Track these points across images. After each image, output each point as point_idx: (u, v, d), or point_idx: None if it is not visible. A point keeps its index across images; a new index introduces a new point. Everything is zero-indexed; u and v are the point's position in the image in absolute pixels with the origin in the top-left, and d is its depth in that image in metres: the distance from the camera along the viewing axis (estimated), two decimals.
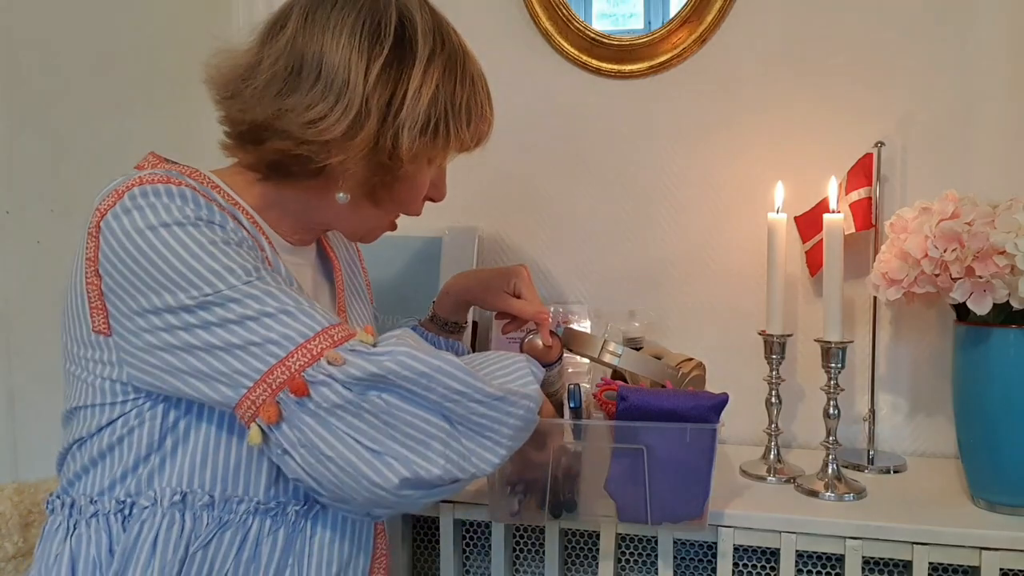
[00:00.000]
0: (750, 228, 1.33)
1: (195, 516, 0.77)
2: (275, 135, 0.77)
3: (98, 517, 0.79)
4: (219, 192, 0.82)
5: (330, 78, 0.75)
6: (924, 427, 1.29)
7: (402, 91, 0.77)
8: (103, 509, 0.79)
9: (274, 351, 0.71)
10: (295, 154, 0.77)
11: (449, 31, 0.82)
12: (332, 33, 0.76)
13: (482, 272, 1.09)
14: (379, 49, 0.76)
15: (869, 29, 1.28)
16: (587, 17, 1.40)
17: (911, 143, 1.27)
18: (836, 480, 1.09)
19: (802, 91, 1.31)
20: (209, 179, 0.82)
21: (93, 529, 0.78)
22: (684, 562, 1.10)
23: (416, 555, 1.19)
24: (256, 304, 0.71)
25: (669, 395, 0.94)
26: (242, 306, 0.71)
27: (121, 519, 0.78)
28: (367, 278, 1.09)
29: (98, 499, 0.79)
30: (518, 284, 1.02)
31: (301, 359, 0.71)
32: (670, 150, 1.37)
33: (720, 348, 1.33)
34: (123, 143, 1.26)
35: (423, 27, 0.79)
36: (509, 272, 1.02)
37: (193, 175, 0.81)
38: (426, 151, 0.80)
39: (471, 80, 0.82)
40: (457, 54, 0.81)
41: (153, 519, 0.77)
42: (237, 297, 0.71)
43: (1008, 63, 1.23)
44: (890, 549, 0.98)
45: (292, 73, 0.76)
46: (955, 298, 0.99)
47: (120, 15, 1.28)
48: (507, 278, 1.02)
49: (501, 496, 1.00)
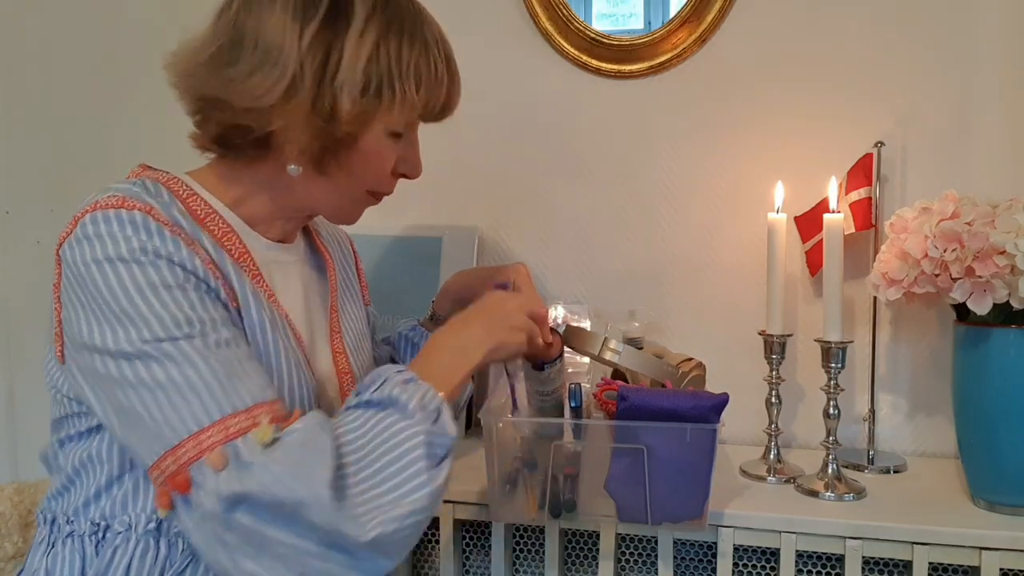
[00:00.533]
0: (750, 228, 1.33)
1: (170, 543, 0.77)
2: (219, 107, 0.77)
3: (73, 538, 0.79)
4: (194, 201, 0.81)
5: (265, 46, 0.76)
6: (924, 427, 1.29)
7: (337, 53, 0.76)
8: (78, 530, 0.79)
9: (168, 438, 0.68)
10: (239, 124, 0.77)
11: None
12: (269, 4, 0.77)
13: (480, 270, 1.09)
14: (313, 12, 0.76)
15: (869, 29, 1.28)
16: (587, 17, 1.40)
17: (911, 143, 1.27)
18: (836, 480, 1.09)
19: (802, 91, 1.31)
20: (187, 187, 0.82)
21: (68, 549, 0.78)
22: (684, 562, 1.10)
23: (416, 555, 1.19)
24: (171, 370, 0.69)
25: (669, 395, 0.94)
26: (161, 367, 0.69)
27: (95, 542, 0.78)
28: (364, 280, 1.08)
29: (74, 519, 0.79)
30: (516, 281, 1.02)
31: (190, 452, 0.68)
32: (670, 150, 1.37)
33: (720, 348, 1.33)
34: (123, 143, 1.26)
35: None
36: (507, 270, 1.02)
37: (171, 183, 0.81)
38: (371, 114, 0.79)
39: (422, 42, 0.81)
40: (404, 15, 0.80)
41: (127, 545, 0.76)
42: (157, 356, 0.69)
43: (1008, 63, 1.23)
44: (890, 549, 0.98)
45: (233, 47, 0.77)
46: (955, 298, 0.99)
47: (120, 15, 1.28)
48: (505, 276, 1.02)
49: (501, 496, 1.00)
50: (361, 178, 0.85)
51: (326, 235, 1.02)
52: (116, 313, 0.70)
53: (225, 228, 0.82)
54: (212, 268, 0.76)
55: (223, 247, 0.81)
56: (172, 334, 0.70)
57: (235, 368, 0.71)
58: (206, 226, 0.80)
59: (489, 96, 1.41)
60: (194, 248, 0.75)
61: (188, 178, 0.84)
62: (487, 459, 0.98)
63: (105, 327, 0.70)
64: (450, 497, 1.10)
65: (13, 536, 0.96)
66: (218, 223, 0.82)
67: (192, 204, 0.81)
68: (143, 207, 0.73)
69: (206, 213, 0.81)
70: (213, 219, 0.82)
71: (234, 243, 0.82)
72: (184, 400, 0.69)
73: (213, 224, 0.81)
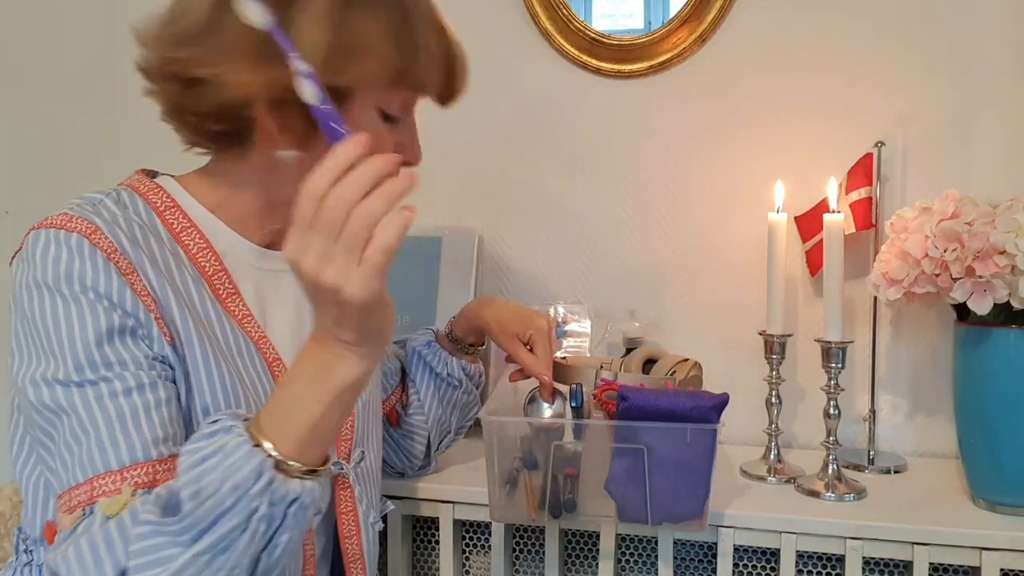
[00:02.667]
0: (750, 228, 1.32)
1: None
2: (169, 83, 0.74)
3: (31, 567, 0.78)
4: (172, 213, 0.78)
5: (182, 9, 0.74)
6: (924, 427, 1.29)
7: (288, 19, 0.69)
8: (36, 560, 0.77)
9: (59, 482, 0.68)
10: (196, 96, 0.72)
11: None
12: None
13: (505, 310, 1.05)
14: None
15: (869, 29, 1.28)
16: (587, 17, 1.40)
17: (911, 143, 1.27)
18: (836, 480, 1.09)
19: (802, 91, 1.31)
20: (169, 197, 0.79)
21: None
22: (684, 562, 1.10)
23: (416, 555, 1.19)
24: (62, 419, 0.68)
25: (669, 395, 0.94)
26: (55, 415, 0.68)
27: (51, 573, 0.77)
28: None
29: (33, 549, 0.78)
30: (534, 336, 1.00)
31: (63, 505, 0.67)
32: (670, 150, 1.37)
33: (720, 348, 1.33)
34: (124, 143, 1.26)
35: None
36: (528, 320, 1.00)
37: (152, 193, 0.79)
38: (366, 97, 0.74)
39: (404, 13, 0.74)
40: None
41: None
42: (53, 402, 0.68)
43: (1008, 63, 1.23)
44: (890, 549, 0.98)
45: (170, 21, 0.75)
46: (955, 298, 0.99)
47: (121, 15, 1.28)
48: (524, 326, 1.00)
49: (501, 496, 1.00)
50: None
51: None
52: (32, 342, 0.70)
53: (201, 243, 0.79)
54: (147, 300, 0.72)
55: (196, 264, 0.78)
56: (71, 378, 0.68)
57: (124, 421, 0.68)
58: (181, 240, 0.78)
59: (489, 96, 1.41)
60: (130, 278, 0.71)
61: (175, 185, 0.81)
62: (487, 459, 0.98)
63: (25, 353, 0.70)
64: (450, 497, 1.10)
65: (13, 536, 0.95)
66: (195, 237, 0.79)
67: (169, 217, 0.78)
68: (85, 228, 0.71)
69: (183, 226, 0.79)
70: (190, 232, 0.79)
71: (209, 259, 0.79)
72: (69, 452, 0.68)
73: (188, 238, 0.78)
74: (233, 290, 0.80)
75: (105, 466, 0.67)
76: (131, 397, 0.69)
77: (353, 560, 0.88)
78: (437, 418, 1.08)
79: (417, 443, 1.08)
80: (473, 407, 1.13)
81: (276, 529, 0.62)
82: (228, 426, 0.63)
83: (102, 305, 0.70)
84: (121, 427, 0.68)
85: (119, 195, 0.78)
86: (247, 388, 0.77)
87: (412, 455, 1.09)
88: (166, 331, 0.73)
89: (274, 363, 0.81)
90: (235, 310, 0.80)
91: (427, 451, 1.10)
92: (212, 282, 0.79)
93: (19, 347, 0.71)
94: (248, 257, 0.82)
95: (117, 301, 0.70)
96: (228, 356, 0.77)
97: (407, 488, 1.11)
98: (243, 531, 0.60)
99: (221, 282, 0.79)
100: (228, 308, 0.79)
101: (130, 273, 0.72)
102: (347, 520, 0.88)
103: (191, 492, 0.60)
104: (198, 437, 0.63)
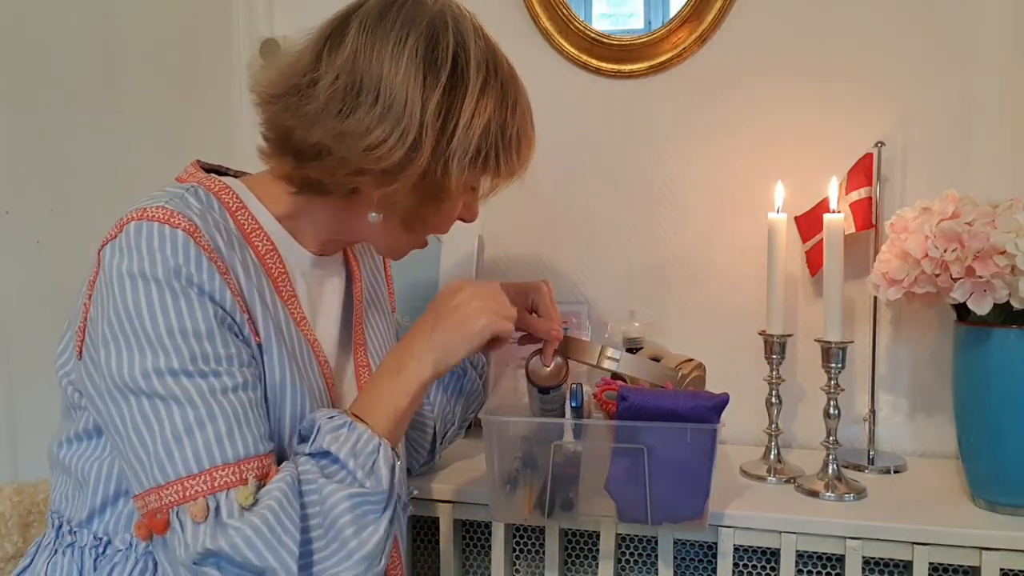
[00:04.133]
0: (750, 228, 1.32)
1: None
2: (330, 156, 0.75)
3: (74, 548, 0.79)
4: (243, 214, 0.80)
5: (389, 102, 0.73)
6: (924, 427, 1.29)
7: (454, 120, 0.75)
8: (79, 541, 0.79)
9: (156, 475, 0.69)
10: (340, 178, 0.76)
11: (501, 59, 0.80)
12: (392, 54, 0.73)
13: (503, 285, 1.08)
14: (436, 75, 0.74)
15: (869, 29, 1.28)
16: (587, 17, 1.40)
17: (911, 143, 1.27)
18: (836, 480, 1.09)
19: (802, 91, 1.31)
20: (238, 198, 0.81)
21: (68, 560, 0.79)
22: (684, 562, 1.10)
23: (416, 555, 1.19)
24: (173, 408, 0.69)
25: (669, 395, 0.94)
26: (163, 403, 0.70)
27: (94, 556, 0.78)
28: (391, 286, 1.07)
29: (77, 530, 0.80)
30: (536, 299, 1.01)
31: (174, 495, 0.69)
32: (670, 150, 1.37)
33: (720, 348, 1.33)
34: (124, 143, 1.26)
35: (477, 55, 0.77)
36: (528, 287, 1.01)
37: (223, 193, 0.80)
38: (472, 180, 0.80)
39: (522, 109, 0.81)
40: (509, 82, 0.80)
41: (126, 563, 0.77)
42: (162, 391, 0.69)
43: (1008, 63, 1.23)
44: (890, 549, 0.98)
45: (351, 93, 0.73)
46: (955, 298, 0.99)
47: (122, 14, 1.28)
48: (525, 293, 1.01)
49: (501, 496, 1.00)
50: (432, 228, 0.86)
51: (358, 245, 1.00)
52: (136, 333, 0.70)
53: (268, 246, 0.82)
54: (240, 301, 0.75)
55: (264, 266, 0.80)
56: (186, 368, 0.70)
57: (237, 416, 0.71)
58: (251, 241, 0.80)
59: None
60: (227, 278, 0.74)
61: (242, 186, 0.83)
62: (487, 459, 0.98)
63: (122, 345, 0.70)
64: (450, 497, 1.10)
65: (13, 536, 0.95)
66: (263, 239, 0.81)
67: (240, 218, 0.80)
68: (188, 226, 0.72)
69: (252, 228, 0.81)
70: (258, 235, 0.81)
71: (275, 261, 0.82)
72: (178, 442, 0.69)
73: (258, 239, 0.81)
74: (293, 292, 0.83)
75: (223, 458, 0.70)
76: (239, 393, 0.72)
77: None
78: (442, 408, 1.09)
79: (424, 434, 1.09)
80: (476, 397, 1.13)
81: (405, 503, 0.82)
82: (349, 422, 0.76)
83: (206, 302, 0.72)
84: (236, 422, 0.71)
85: (196, 191, 0.78)
86: (310, 387, 0.80)
87: (419, 447, 1.10)
88: (255, 331, 0.76)
89: (324, 364, 0.85)
90: (295, 312, 0.83)
91: (432, 444, 1.11)
92: (278, 284, 0.81)
93: (114, 335, 0.71)
94: (301, 261, 0.86)
95: (219, 300, 0.72)
96: (293, 356, 0.79)
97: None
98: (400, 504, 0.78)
99: (284, 285, 0.82)
100: (291, 310, 0.82)
101: (225, 273, 0.74)
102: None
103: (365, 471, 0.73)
104: (330, 428, 0.75)
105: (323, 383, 0.84)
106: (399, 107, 0.73)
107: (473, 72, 0.76)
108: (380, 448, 0.75)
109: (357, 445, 0.75)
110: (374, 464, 0.74)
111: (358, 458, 0.74)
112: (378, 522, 0.73)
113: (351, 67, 0.74)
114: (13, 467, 1.13)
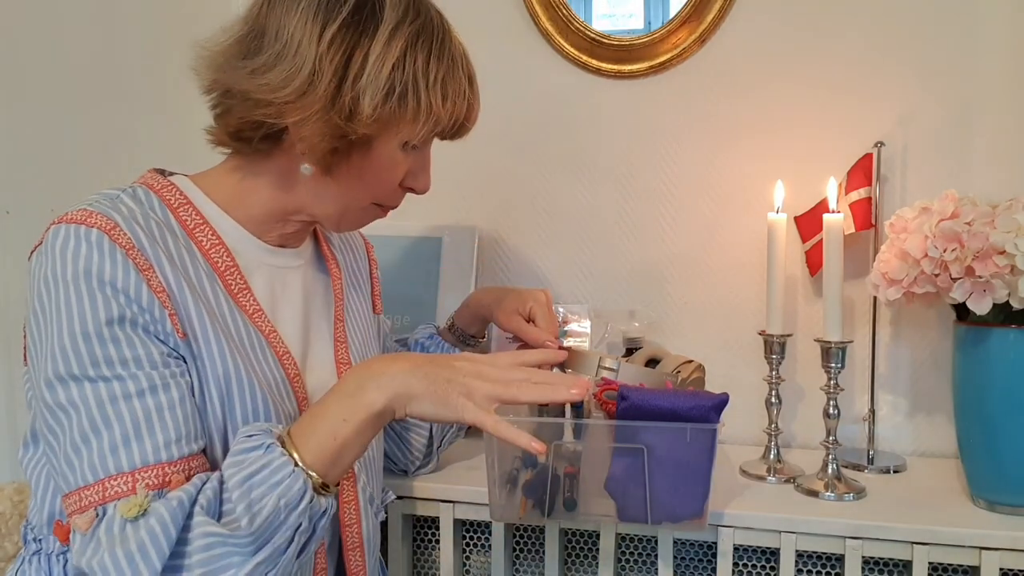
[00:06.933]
0: (750, 228, 1.33)
1: None
2: (238, 98, 0.77)
3: (40, 556, 0.79)
4: (186, 210, 0.81)
5: (284, 41, 0.76)
6: (924, 427, 1.29)
7: (361, 54, 0.76)
8: (46, 549, 0.79)
9: (62, 484, 0.70)
10: (254, 118, 0.77)
11: (428, 7, 0.81)
12: (293, 1, 0.77)
13: (502, 290, 1.08)
14: (336, 12, 0.76)
15: (869, 29, 1.28)
16: (587, 17, 1.40)
17: (911, 143, 1.27)
18: (836, 480, 1.09)
19: (802, 91, 1.31)
20: (183, 194, 0.81)
21: (35, 568, 0.79)
22: (684, 562, 1.10)
23: (416, 555, 1.19)
24: (73, 415, 0.69)
25: (669, 395, 0.94)
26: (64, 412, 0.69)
27: (62, 562, 0.77)
28: (377, 288, 1.06)
29: (41, 537, 0.79)
30: (534, 308, 1.00)
31: (73, 504, 0.69)
32: (670, 150, 1.37)
33: (720, 348, 1.33)
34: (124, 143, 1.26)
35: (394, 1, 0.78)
36: (527, 295, 1.01)
37: (165, 190, 0.80)
38: (391, 120, 0.78)
39: (450, 57, 0.81)
40: (434, 29, 0.80)
41: None
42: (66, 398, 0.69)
43: (1008, 63, 1.23)
44: (890, 549, 0.98)
45: (254, 39, 0.78)
46: (955, 298, 0.99)
47: (122, 14, 1.28)
48: (524, 300, 1.01)
49: (501, 496, 1.00)
50: (368, 186, 0.84)
51: (337, 242, 1.01)
52: (44, 339, 0.71)
53: (214, 240, 0.81)
54: (162, 296, 0.73)
55: (209, 259, 0.80)
56: (86, 373, 0.69)
57: (136, 423, 0.70)
58: (194, 236, 0.80)
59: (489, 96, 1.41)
60: (147, 274, 0.73)
61: (189, 183, 0.83)
62: (487, 459, 0.98)
63: (36, 352, 0.72)
64: (450, 497, 1.10)
65: (13, 536, 0.95)
66: (207, 233, 0.81)
67: (183, 214, 0.80)
68: (104, 224, 0.72)
69: (196, 223, 0.81)
70: (203, 229, 0.81)
71: (222, 255, 0.81)
72: (76, 452, 0.69)
73: (202, 234, 0.81)
74: (244, 286, 0.82)
75: (117, 468, 0.68)
76: (144, 399, 0.71)
77: (352, 548, 0.89)
78: None
79: (417, 435, 1.09)
80: None
81: (309, 539, 0.71)
82: (268, 444, 0.70)
83: (118, 300, 0.71)
84: (134, 430, 0.69)
85: (135, 192, 0.79)
86: (260, 380, 0.79)
87: (413, 448, 1.10)
88: (179, 327, 0.74)
89: (284, 356, 0.84)
90: (246, 305, 0.82)
91: (429, 446, 1.11)
92: (224, 277, 0.81)
93: (34, 341, 0.72)
94: (258, 254, 0.85)
95: (134, 297, 0.72)
96: (240, 349, 0.78)
97: (407, 487, 1.11)
98: (290, 543, 0.69)
99: (233, 277, 0.81)
100: (240, 303, 0.81)
101: (147, 269, 0.73)
102: (348, 508, 0.89)
103: (246, 506, 0.67)
104: (240, 451, 0.70)
105: (281, 375, 0.82)
106: (295, 43, 0.76)
107: (387, 10, 0.77)
108: (286, 481, 0.68)
109: (258, 475, 0.68)
110: (263, 499, 0.67)
111: (248, 491, 0.68)
112: (240, 566, 0.66)
113: (256, 17, 0.79)
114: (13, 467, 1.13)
